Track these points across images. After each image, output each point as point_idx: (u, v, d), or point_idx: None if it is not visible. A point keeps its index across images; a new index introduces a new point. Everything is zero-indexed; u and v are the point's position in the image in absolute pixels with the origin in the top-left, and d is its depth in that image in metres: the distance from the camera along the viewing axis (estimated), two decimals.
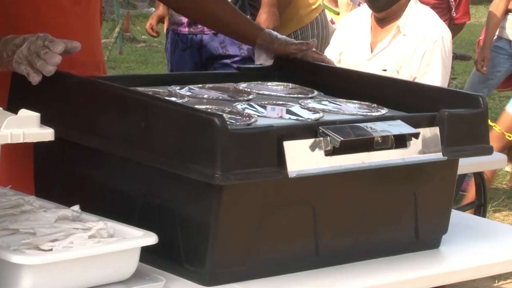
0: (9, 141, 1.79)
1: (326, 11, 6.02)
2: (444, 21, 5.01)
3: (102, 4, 2.99)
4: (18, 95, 2.39)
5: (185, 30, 5.15)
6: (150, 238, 2.01)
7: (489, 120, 2.48)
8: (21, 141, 1.80)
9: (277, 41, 2.87)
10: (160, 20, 5.29)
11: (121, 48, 12.87)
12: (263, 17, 4.86)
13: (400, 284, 2.30)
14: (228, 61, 5.15)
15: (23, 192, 2.25)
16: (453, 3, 5.68)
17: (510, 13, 6.07)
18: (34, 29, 2.47)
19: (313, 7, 5.62)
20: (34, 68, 2.30)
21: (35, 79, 2.30)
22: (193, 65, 5.21)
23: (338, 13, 6.11)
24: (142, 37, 14.72)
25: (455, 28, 5.61)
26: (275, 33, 2.91)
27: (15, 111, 1.85)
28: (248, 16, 4.96)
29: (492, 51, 6.07)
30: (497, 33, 6.13)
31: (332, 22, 5.83)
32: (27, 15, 2.69)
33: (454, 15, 5.68)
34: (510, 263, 2.53)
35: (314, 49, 2.88)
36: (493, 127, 5.54)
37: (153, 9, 16.89)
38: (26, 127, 1.81)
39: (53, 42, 2.32)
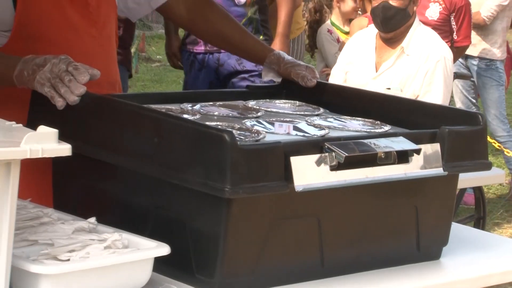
0: (28, 156, 1.79)
1: (334, 29, 6.01)
2: (447, 43, 5.01)
3: (117, 26, 3.00)
4: (37, 112, 2.40)
5: (201, 49, 5.04)
6: (163, 249, 2.02)
7: (488, 137, 2.48)
8: (39, 156, 1.80)
9: (284, 63, 2.87)
10: (179, 48, 5.18)
11: (136, 68, 12.87)
12: (277, 47, 4.82)
13: None
14: (245, 75, 5.09)
15: (42, 205, 2.25)
16: (455, 26, 5.67)
17: None
18: (51, 51, 2.49)
19: (299, 26, 5.63)
20: (58, 93, 2.32)
21: (59, 104, 2.31)
22: (208, 84, 5.13)
23: (345, 32, 6.09)
24: (157, 57, 14.75)
25: (457, 51, 5.59)
26: (283, 55, 2.92)
27: (34, 127, 1.85)
28: (262, 37, 4.95)
29: None
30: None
31: (338, 41, 5.83)
32: (44, 37, 2.70)
33: (456, 38, 5.67)
34: (508, 274, 2.54)
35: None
36: (492, 143, 5.52)
37: None
38: (44, 143, 1.81)
39: (78, 70, 2.33)
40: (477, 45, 5.98)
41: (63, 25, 2.74)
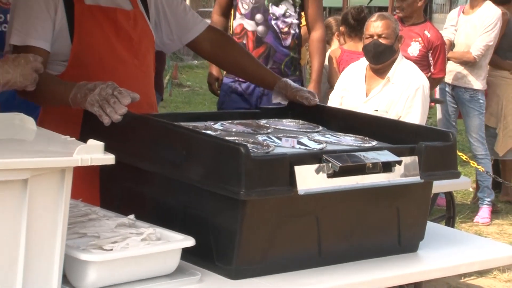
0: (79, 165, 1.79)
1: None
2: (425, 74, 5.00)
3: (155, 57, 3.00)
4: (88, 128, 2.40)
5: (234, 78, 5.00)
6: (189, 241, 2.02)
7: (457, 151, 2.47)
8: (89, 164, 1.80)
9: (290, 88, 2.87)
10: (217, 80, 5.14)
11: (170, 92, 12.93)
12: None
13: (385, 280, 2.29)
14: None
15: (91, 204, 2.26)
16: (432, 61, 5.66)
17: (448, 61, 6.05)
18: (100, 78, 2.49)
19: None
20: (105, 112, 2.32)
21: (106, 121, 2.32)
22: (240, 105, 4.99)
23: None
24: (187, 83, 14.79)
25: (433, 81, 5.58)
26: (290, 82, 2.91)
27: (85, 140, 1.85)
28: (297, 73, 4.89)
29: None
30: None
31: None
32: (95, 66, 2.70)
33: (433, 70, 5.66)
34: (474, 264, 2.53)
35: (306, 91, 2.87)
36: (460, 156, 5.50)
37: (196, 61, 17.02)
38: (93, 153, 1.82)
39: (121, 94, 2.33)
40: (464, 78, 5.96)
41: (111, 56, 2.75)
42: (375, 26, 4.72)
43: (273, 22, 4.66)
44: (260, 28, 4.67)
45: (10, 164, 1.72)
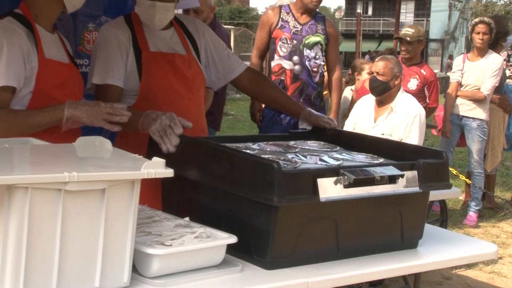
0: (145, 177, 1.80)
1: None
2: (421, 105, 4.96)
3: (206, 91, 3.02)
4: (153, 148, 2.40)
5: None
6: (232, 239, 2.02)
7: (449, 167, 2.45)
8: (153, 177, 1.81)
9: (313, 116, 2.87)
10: (259, 111, 5.01)
11: None
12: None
13: (390, 271, 2.28)
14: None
15: (154, 208, 2.28)
16: (427, 94, 5.63)
17: (458, 97, 6.01)
18: (162, 108, 2.51)
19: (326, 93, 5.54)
20: (163, 142, 2.33)
21: (164, 149, 2.32)
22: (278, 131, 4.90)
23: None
24: (231, 112, 14.83)
25: (429, 110, 5.55)
26: (312, 111, 2.91)
27: (150, 158, 1.86)
28: (322, 103, 4.87)
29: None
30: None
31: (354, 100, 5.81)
32: (158, 99, 2.72)
33: (428, 101, 5.62)
34: (464, 258, 2.51)
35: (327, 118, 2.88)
36: (451, 171, 5.44)
37: (238, 95, 17.06)
38: (156, 168, 1.82)
39: (176, 125, 2.34)
40: (473, 110, 5.92)
41: (170, 92, 2.76)
42: (376, 65, 4.72)
43: (307, 63, 4.67)
44: (297, 67, 4.68)
45: (92, 177, 1.73)
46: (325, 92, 5.37)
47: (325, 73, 4.95)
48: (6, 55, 2.34)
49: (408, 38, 5.55)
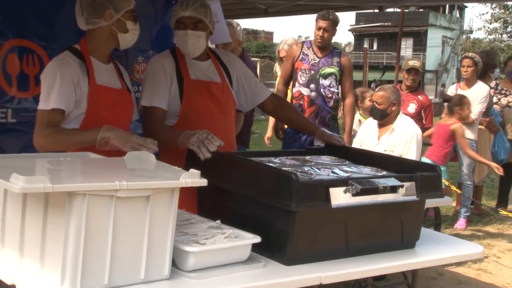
0: (183, 186, 1.80)
1: (359, 114, 5.90)
2: (418, 125, 4.91)
3: (236, 113, 3.02)
4: (190, 161, 2.40)
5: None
6: (256, 239, 2.01)
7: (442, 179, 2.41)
8: (190, 186, 1.81)
9: (326, 135, 2.86)
10: (281, 129, 4.95)
11: None
12: (346, 140, 4.61)
13: (392, 268, 2.25)
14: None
15: (191, 212, 2.27)
16: (424, 116, 5.59)
17: None
18: (199, 128, 2.50)
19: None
20: (201, 151, 2.33)
21: (201, 157, 2.33)
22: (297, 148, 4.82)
23: (366, 118, 5.98)
24: (257, 131, 14.82)
25: (425, 130, 5.50)
26: (326, 130, 2.90)
27: (188, 169, 1.86)
28: (336, 124, 4.85)
29: None
30: None
31: (360, 122, 5.74)
32: (195, 120, 2.71)
33: (424, 123, 5.58)
34: (455, 257, 2.49)
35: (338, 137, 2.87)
36: (444, 182, 5.36)
37: (263, 116, 17.06)
38: (193, 178, 1.82)
39: (213, 139, 2.35)
40: (463, 131, 5.87)
41: (206, 114, 2.77)
42: (375, 95, 4.70)
43: (322, 90, 4.70)
44: (313, 94, 4.70)
45: (138, 186, 1.74)
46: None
47: None
48: (58, 83, 2.39)
49: (420, 69, 5.56)
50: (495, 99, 6.40)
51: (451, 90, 6.15)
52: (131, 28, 2.54)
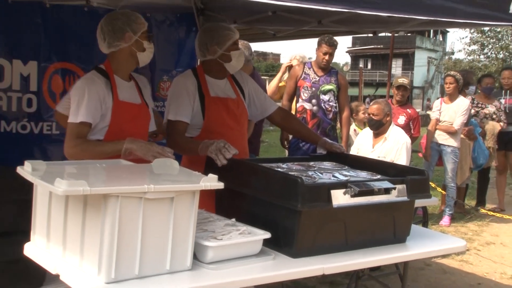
0: (203, 189, 1.80)
1: (354, 125, 5.86)
2: (408, 135, 4.89)
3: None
4: (209, 167, 2.40)
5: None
6: (267, 235, 2.00)
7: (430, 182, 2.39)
8: (209, 188, 1.81)
9: (327, 144, 2.84)
10: (286, 139, 4.94)
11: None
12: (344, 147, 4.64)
13: (386, 260, 2.23)
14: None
15: (210, 212, 2.26)
16: (412, 127, 5.58)
17: (436, 130, 5.92)
18: (216, 137, 2.49)
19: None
20: (218, 158, 2.32)
21: (219, 163, 2.32)
22: (300, 155, 4.76)
23: (360, 128, 5.94)
24: (266, 140, 14.80)
25: (413, 139, 5.49)
26: (327, 140, 2.89)
27: (207, 174, 1.86)
28: (335, 134, 4.80)
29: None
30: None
31: (355, 132, 5.70)
32: (214, 131, 2.70)
33: (413, 133, 5.56)
34: (440, 250, 2.47)
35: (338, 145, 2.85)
36: (431, 184, 5.32)
37: (271, 127, 17.03)
38: (211, 182, 1.82)
39: (230, 147, 2.34)
40: (448, 139, 5.85)
41: (224, 126, 2.76)
42: (371, 107, 4.69)
43: (322, 104, 4.71)
44: (315, 108, 4.72)
45: (164, 189, 1.74)
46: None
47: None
48: (86, 99, 2.38)
49: (408, 86, 5.56)
50: (472, 112, 6.39)
51: (436, 104, 6.13)
52: (147, 47, 2.53)
